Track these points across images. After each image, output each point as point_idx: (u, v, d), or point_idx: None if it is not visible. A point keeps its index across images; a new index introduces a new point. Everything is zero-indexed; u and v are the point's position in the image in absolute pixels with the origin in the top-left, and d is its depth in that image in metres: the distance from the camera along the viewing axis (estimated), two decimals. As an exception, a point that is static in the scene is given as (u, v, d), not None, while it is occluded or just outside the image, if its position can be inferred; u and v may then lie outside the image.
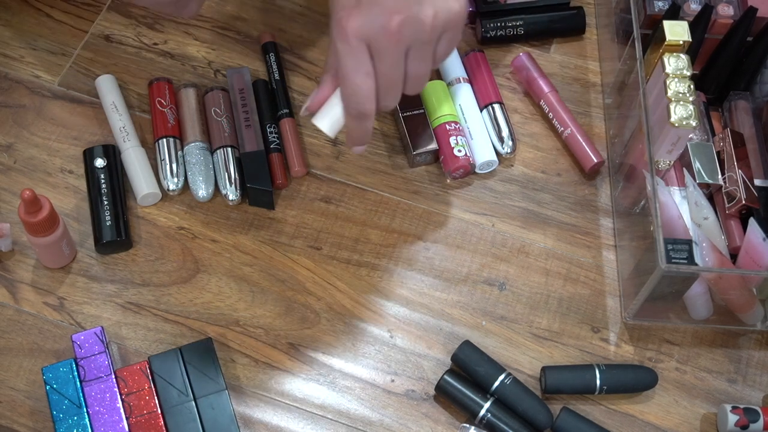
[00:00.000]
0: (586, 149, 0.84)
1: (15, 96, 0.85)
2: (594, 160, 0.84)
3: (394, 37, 0.64)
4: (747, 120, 0.83)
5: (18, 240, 0.78)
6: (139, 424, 0.69)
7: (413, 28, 0.64)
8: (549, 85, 0.87)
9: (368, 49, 0.65)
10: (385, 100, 0.68)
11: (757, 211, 0.78)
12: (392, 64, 0.66)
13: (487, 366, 0.73)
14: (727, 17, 0.84)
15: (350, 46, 0.65)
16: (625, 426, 0.74)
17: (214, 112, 0.83)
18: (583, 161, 0.84)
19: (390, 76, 0.67)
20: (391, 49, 0.65)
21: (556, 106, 0.86)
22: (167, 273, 0.77)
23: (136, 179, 0.80)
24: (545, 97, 0.86)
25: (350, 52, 0.65)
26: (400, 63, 0.66)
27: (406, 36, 0.64)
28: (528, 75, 0.88)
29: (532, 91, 0.88)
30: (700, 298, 0.75)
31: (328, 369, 0.75)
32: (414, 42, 0.65)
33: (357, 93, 0.67)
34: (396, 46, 0.65)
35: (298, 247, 0.79)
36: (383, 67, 0.66)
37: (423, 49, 0.66)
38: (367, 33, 0.64)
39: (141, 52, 0.88)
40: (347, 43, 0.65)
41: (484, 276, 0.79)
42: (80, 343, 0.71)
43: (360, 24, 0.64)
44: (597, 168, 0.84)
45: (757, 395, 0.76)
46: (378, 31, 0.64)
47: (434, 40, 0.66)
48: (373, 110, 0.68)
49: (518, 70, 0.89)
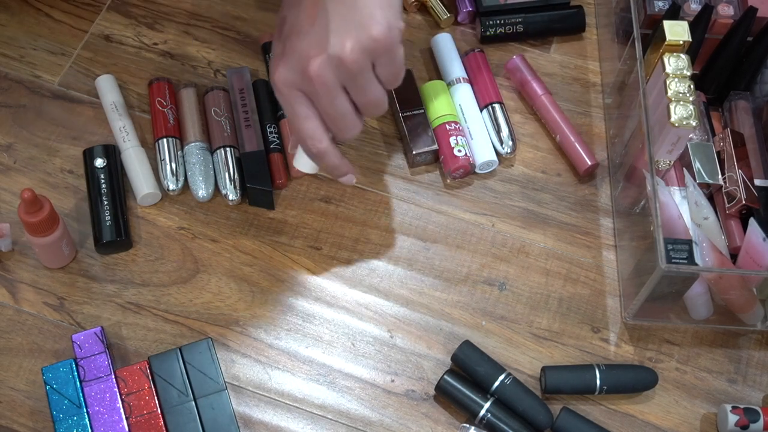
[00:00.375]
0: (580, 152, 0.84)
1: (15, 96, 0.85)
2: (588, 163, 0.83)
3: (317, 81, 0.64)
4: (747, 120, 0.83)
5: (18, 240, 0.78)
6: (139, 424, 0.69)
7: (332, 66, 0.64)
8: (542, 87, 0.87)
9: (302, 93, 0.66)
10: (339, 133, 0.69)
11: (758, 211, 0.77)
12: (329, 103, 0.66)
13: (487, 366, 0.73)
14: (727, 17, 0.84)
15: (283, 96, 0.67)
16: (625, 426, 0.74)
17: (214, 112, 0.83)
18: (577, 164, 0.84)
19: (333, 114, 0.67)
20: (321, 91, 0.65)
21: (550, 109, 0.86)
22: (167, 273, 0.77)
23: (136, 179, 0.80)
24: (538, 100, 0.86)
25: (285, 101, 0.67)
26: (337, 100, 0.66)
27: (329, 75, 0.64)
28: (521, 77, 0.88)
29: (525, 94, 0.88)
30: (700, 298, 0.75)
31: (328, 369, 0.75)
32: (342, 78, 0.64)
33: (304, 136, 0.68)
34: (323, 87, 0.65)
35: (298, 247, 0.79)
36: (321, 107, 0.67)
37: (358, 81, 0.65)
38: (292, 81, 0.66)
39: (141, 52, 0.88)
40: (280, 93, 0.67)
41: (484, 276, 0.79)
42: (80, 343, 0.71)
43: (284, 74, 0.66)
44: (591, 171, 0.84)
45: (757, 395, 0.76)
46: (300, 78, 0.65)
47: (365, 70, 0.64)
48: (326, 148, 0.69)
49: (512, 73, 0.89)
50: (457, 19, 0.92)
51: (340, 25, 0.63)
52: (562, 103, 0.88)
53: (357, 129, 0.69)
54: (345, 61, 0.63)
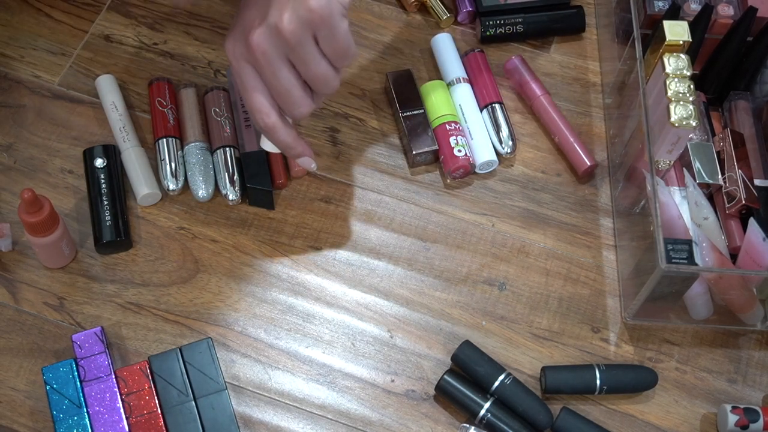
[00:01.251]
0: (579, 153, 0.84)
1: (15, 96, 0.85)
2: (587, 164, 0.83)
3: (257, 51, 0.65)
4: (747, 120, 0.83)
5: (18, 240, 0.78)
6: (139, 424, 0.69)
7: (269, 36, 0.64)
8: (541, 88, 0.87)
9: (250, 65, 0.67)
10: (287, 109, 0.69)
11: (757, 211, 0.78)
12: (272, 75, 0.66)
13: (487, 366, 0.73)
14: (727, 17, 0.84)
15: (233, 68, 0.68)
16: (625, 426, 0.74)
17: (214, 112, 0.83)
18: (576, 165, 0.84)
19: (277, 87, 0.67)
20: (263, 62, 0.66)
21: (548, 109, 0.86)
22: (167, 273, 0.77)
23: (136, 179, 0.80)
24: (537, 101, 0.86)
25: (235, 73, 0.68)
26: (281, 72, 0.66)
27: (269, 46, 0.65)
28: (520, 78, 0.87)
29: (524, 95, 0.88)
30: (700, 298, 0.75)
31: (328, 369, 0.75)
32: (284, 49, 0.65)
33: (252, 109, 0.69)
34: (264, 58, 0.65)
35: (298, 247, 0.79)
36: (266, 80, 0.67)
37: (299, 52, 0.65)
38: (238, 52, 0.66)
39: (141, 52, 0.88)
40: (231, 65, 0.68)
41: (484, 276, 0.79)
42: (80, 343, 0.71)
43: (232, 45, 0.67)
44: (590, 171, 0.84)
45: (757, 395, 0.76)
46: (244, 49, 0.66)
47: (305, 42, 0.65)
48: (273, 123, 0.69)
49: (510, 74, 0.89)
50: (457, 19, 0.92)
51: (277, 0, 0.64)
52: (562, 103, 0.88)
53: (306, 107, 0.69)
54: (282, 32, 0.64)
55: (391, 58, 0.90)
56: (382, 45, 0.90)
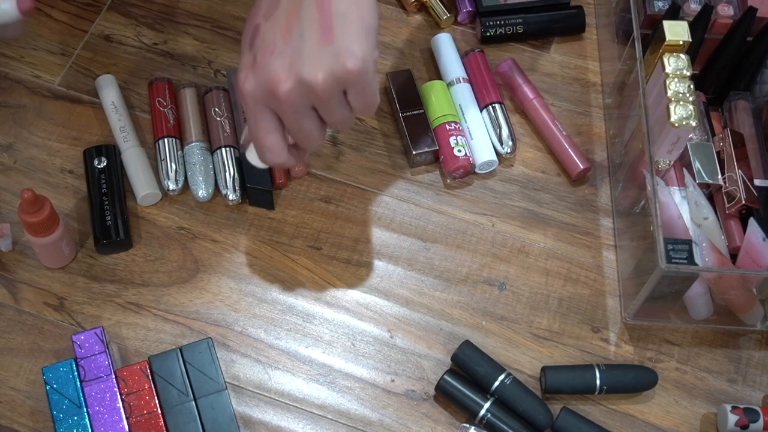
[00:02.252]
0: (572, 155, 0.84)
1: (15, 96, 0.85)
2: (580, 167, 0.83)
3: (285, 103, 0.63)
4: (747, 120, 0.83)
5: (18, 240, 0.78)
6: (139, 424, 0.69)
7: (303, 92, 0.62)
8: (533, 91, 0.87)
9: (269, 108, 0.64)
10: (303, 144, 0.67)
11: (757, 211, 0.78)
12: (294, 122, 0.64)
13: (487, 366, 0.73)
14: (727, 17, 0.84)
15: (249, 108, 0.64)
16: (625, 426, 0.74)
17: (214, 112, 0.83)
18: (569, 168, 0.84)
19: (299, 129, 0.65)
20: (287, 111, 0.63)
21: (541, 112, 0.86)
22: (167, 273, 0.77)
23: (136, 179, 0.80)
24: (528, 104, 0.86)
25: (250, 111, 0.65)
26: (303, 120, 0.64)
27: (299, 100, 0.63)
28: (512, 81, 0.87)
29: (516, 98, 0.88)
30: (700, 298, 0.75)
31: (328, 369, 0.75)
32: (312, 102, 0.63)
33: (264, 149, 0.66)
34: (291, 109, 0.63)
35: (298, 247, 0.79)
36: (287, 124, 0.65)
37: (328, 105, 0.64)
38: (260, 98, 0.63)
39: (141, 52, 0.88)
40: (246, 104, 0.64)
41: (484, 276, 0.80)
42: (80, 343, 0.71)
43: (252, 89, 0.63)
44: (584, 174, 0.84)
45: (757, 395, 0.76)
46: (269, 97, 0.63)
47: (336, 97, 0.63)
48: (287, 161, 0.67)
49: (502, 76, 0.88)
50: (457, 19, 0.93)
51: (315, 53, 0.61)
52: (562, 103, 0.88)
53: (320, 141, 0.67)
54: (316, 90, 0.62)
55: (391, 58, 0.90)
56: (382, 45, 0.90)
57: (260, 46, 0.63)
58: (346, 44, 0.61)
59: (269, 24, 0.63)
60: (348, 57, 0.61)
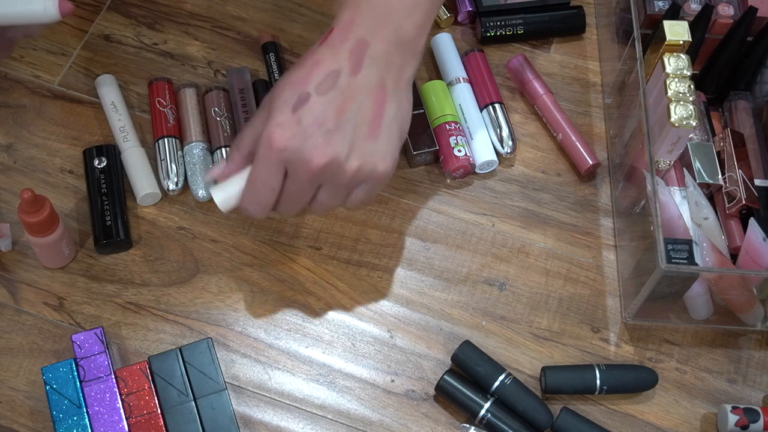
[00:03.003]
0: (582, 151, 0.84)
1: (15, 96, 0.85)
2: (589, 162, 0.83)
3: (311, 173, 0.65)
4: (747, 120, 0.83)
5: (18, 240, 0.78)
6: (139, 424, 0.69)
7: (334, 172, 0.65)
8: (544, 87, 0.87)
9: (285, 167, 0.66)
10: (282, 210, 0.69)
11: (758, 211, 0.77)
12: (300, 191, 0.67)
13: (487, 366, 0.73)
14: (727, 17, 0.84)
15: (270, 161, 0.65)
16: (625, 426, 0.74)
17: (214, 112, 0.83)
18: (578, 163, 0.84)
19: (294, 198, 0.67)
20: (305, 181, 0.66)
21: (551, 108, 0.86)
22: (167, 273, 0.77)
23: (136, 179, 0.80)
24: (539, 100, 0.86)
25: (267, 165, 0.66)
26: (308, 192, 0.67)
27: (324, 176, 0.65)
28: (523, 77, 0.87)
29: (526, 93, 0.88)
30: (700, 298, 0.75)
31: (328, 369, 0.75)
32: (330, 182, 0.66)
33: (256, 200, 0.68)
34: (310, 180, 0.66)
35: (298, 247, 0.79)
36: (291, 189, 0.67)
37: (337, 190, 0.67)
38: (290, 159, 0.65)
39: (141, 52, 0.88)
40: (268, 157, 0.65)
41: (484, 276, 0.79)
42: (80, 343, 0.71)
43: (287, 148, 0.64)
44: (593, 170, 0.84)
45: (757, 395, 0.76)
46: (300, 163, 0.65)
47: (351, 186, 0.67)
48: (263, 216, 0.69)
49: (513, 72, 0.89)
50: (457, 19, 0.92)
51: (359, 143, 0.65)
52: (563, 103, 0.88)
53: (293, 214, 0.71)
54: (346, 175, 0.65)
55: (391, 58, 0.90)
56: (382, 45, 0.90)
57: (309, 114, 0.64)
58: (386, 147, 0.66)
59: (323, 100, 0.65)
60: (382, 160, 0.66)
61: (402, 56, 0.67)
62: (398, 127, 0.67)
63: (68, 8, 0.66)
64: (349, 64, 0.65)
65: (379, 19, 0.65)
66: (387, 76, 0.66)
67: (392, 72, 0.66)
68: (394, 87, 0.67)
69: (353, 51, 0.65)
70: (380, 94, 0.66)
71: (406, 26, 0.66)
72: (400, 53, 0.67)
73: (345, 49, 0.65)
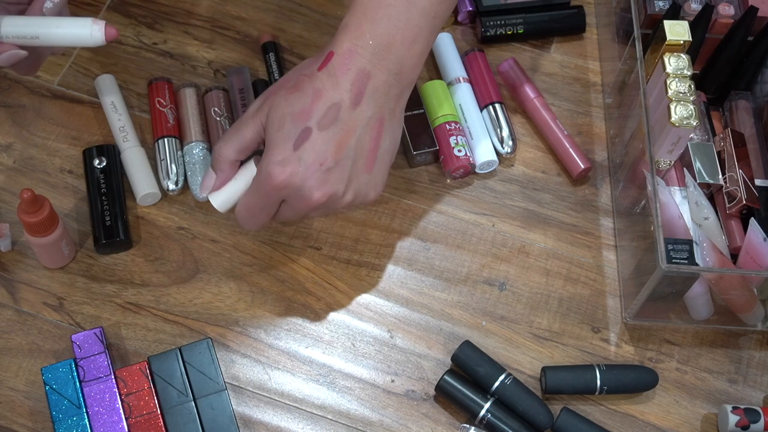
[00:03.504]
0: (573, 155, 0.84)
1: (14, 96, 0.85)
2: (581, 167, 0.83)
3: (308, 205, 0.68)
4: (748, 120, 0.83)
5: (18, 240, 0.78)
6: (139, 425, 0.69)
7: (330, 204, 0.68)
8: (534, 90, 0.86)
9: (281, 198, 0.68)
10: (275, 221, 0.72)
11: (758, 211, 0.77)
12: (294, 216, 0.70)
13: (487, 366, 0.73)
14: (727, 17, 0.84)
15: (269, 196, 0.68)
16: (626, 426, 0.74)
17: (214, 112, 0.83)
18: (570, 167, 0.84)
19: (288, 218, 0.71)
20: (301, 211, 0.69)
21: (542, 112, 0.85)
22: (167, 273, 0.77)
23: (135, 179, 0.80)
24: (530, 103, 0.86)
25: (266, 198, 0.68)
26: (303, 217, 0.71)
27: (320, 207, 0.68)
28: (514, 81, 0.87)
29: (517, 97, 0.88)
30: (700, 298, 0.75)
31: (328, 369, 0.75)
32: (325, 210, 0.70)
33: (251, 222, 0.71)
34: (306, 211, 0.69)
35: (298, 247, 0.79)
36: (286, 213, 0.70)
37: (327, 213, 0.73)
38: (289, 195, 0.67)
39: (141, 52, 0.88)
40: (267, 192, 0.67)
41: (484, 276, 0.79)
42: (80, 343, 0.71)
43: (288, 186, 0.66)
44: (585, 174, 0.84)
45: (758, 395, 0.76)
46: (298, 199, 0.67)
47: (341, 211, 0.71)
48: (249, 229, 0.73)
49: (504, 76, 0.88)
50: (457, 19, 0.92)
51: (355, 177, 0.68)
52: (562, 103, 0.88)
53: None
54: (338, 207, 0.69)
55: (391, 58, 0.90)
56: (382, 45, 0.90)
57: (310, 152, 0.66)
58: (378, 177, 0.70)
59: (324, 136, 0.66)
60: (373, 189, 0.70)
61: (400, 86, 0.68)
62: (390, 156, 0.70)
63: (113, 34, 0.68)
64: (350, 96, 0.66)
65: (382, 50, 0.66)
66: (384, 107, 0.68)
67: (390, 103, 0.68)
68: (390, 118, 0.68)
69: (355, 83, 0.66)
70: (378, 127, 0.67)
71: (407, 57, 0.67)
72: (399, 84, 0.68)
73: (347, 80, 0.66)
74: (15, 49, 0.66)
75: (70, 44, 0.69)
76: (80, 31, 0.68)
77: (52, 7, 0.68)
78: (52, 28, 0.68)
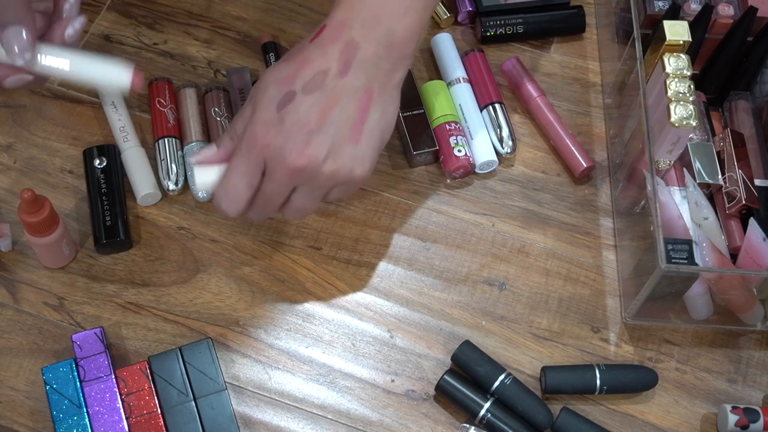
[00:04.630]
0: (576, 154, 0.84)
1: (15, 96, 0.85)
2: (583, 165, 0.83)
3: (289, 173, 0.66)
4: (747, 120, 0.83)
5: (18, 240, 0.78)
6: (139, 424, 0.69)
7: (311, 174, 0.66)
8: (537, 89, 0.87)
9: (264, 164, 0.66)
10: (254, 212, 0.69)
11: (758, 211, 0.77)
12: (275, 190, 0.67)
13: (487, 366, 0.73)
14: (727, 17, 0.84)
15: (250, 155, 0.66)
16: (626, 426, 0.74)
17: (214, 112, 0.83)
18: (572, 166, 0.84)
19: (268, 198, 0.68)
20: (282, 180, 0.66)
21: (544, 111, 0.86)
22: (167, 273, 0.77)
23: (136, 179, 0.80)
24: (533, 102, 0.86)
25: (247, 158, 0.66)
26: (283, 192, 0.67)
27: (302, 177, 0.66)
28: (516, 80, 0.87)
29: (520, 96, 0.88)
30: (700, 298, 0.75)
31: (328, 369, 0.75)
32: (306, 183, 0.67)
33: (231, 192, 0.68)
34: (287, 180, 0.66)
35: (298, 247, 0.79)
36: (267, 188, 0.67)
37: (312, 191, 0.68)
38: (270, 156, 0.66)
39: (141, 52, 0.88)
40: (249, 151, 0.66)
41: (484, 276, 0.79)
42: (80, 343, 0.71)
43: (268, 145, 0.65)
44: (587, 173, 0.84)
45: (757, 395, 0.76)
46: (279, 161, 0.65)
47: (326, 188, 0.68)
48: (235, 216, 0.69)
49: (506, 75, 0.88)
50: (457, 19, 0.92)
51: (339, 147, 0.65)
52: (562, 103, 0.88)
53: (264, 217, 0.71)
54: (322, 177, 0.66)
55: (391, 58, 0.90)
56: (382, 45, 0.90)
57: (292, 114, 0.65)
58: (365, 151, 0.67)
59: (308, 100, 0.65)
60: (360, 164, 0.67)
61: (392, 60, 0.67)
62: (380, 133, 0.68)
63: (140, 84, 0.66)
64: (338, 65, 0.65)
65: (371, 21, 0.66)
66: (374, 79, 0.67)
67: (380, 76, 0.67)
68: (380, 91, 0.67)
69: (343, 52, 0.66)
70: (365, 99, 0.66)
71: (398, 29, 0.66)
72: (389, 57, 0.67)
73: (335, 49, 0.66)
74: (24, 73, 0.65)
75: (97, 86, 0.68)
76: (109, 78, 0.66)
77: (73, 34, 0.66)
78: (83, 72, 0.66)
